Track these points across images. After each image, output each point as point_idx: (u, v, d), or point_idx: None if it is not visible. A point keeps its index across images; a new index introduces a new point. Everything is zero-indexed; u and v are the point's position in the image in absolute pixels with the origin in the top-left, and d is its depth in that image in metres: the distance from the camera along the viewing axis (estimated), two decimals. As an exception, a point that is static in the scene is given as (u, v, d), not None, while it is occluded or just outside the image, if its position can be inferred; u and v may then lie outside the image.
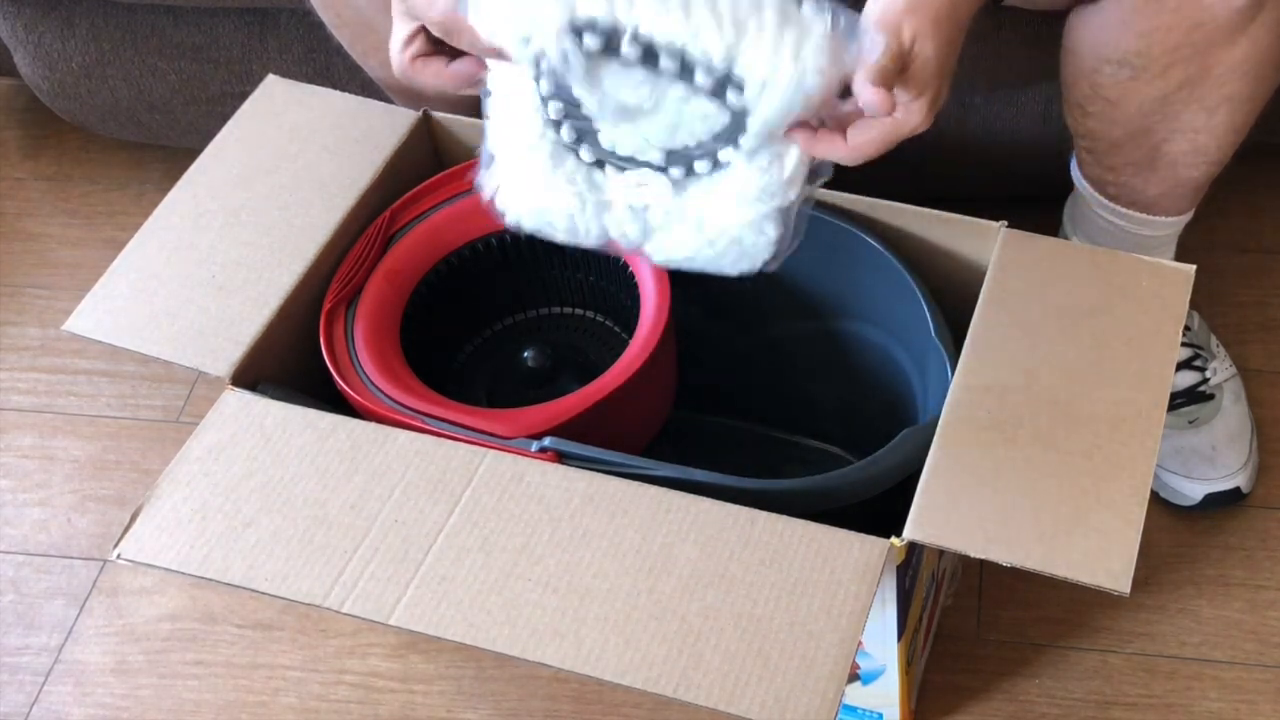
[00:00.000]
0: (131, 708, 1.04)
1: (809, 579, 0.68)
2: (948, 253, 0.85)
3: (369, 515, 0.72)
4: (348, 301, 0.86)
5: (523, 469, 0.73)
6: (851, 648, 0.65)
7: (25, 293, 1.34)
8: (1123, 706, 0.99)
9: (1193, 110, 0.86)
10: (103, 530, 1.15)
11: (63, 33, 1.23)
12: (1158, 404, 0.73)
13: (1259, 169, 1.27)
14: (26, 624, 1.10)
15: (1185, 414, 1.07)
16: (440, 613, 0.68)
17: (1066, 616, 1.03)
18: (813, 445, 1.03)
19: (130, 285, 0.84)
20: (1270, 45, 0.82)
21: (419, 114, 0.93)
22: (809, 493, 0.74)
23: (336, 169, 0.90)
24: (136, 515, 0.73)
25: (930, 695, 1.00)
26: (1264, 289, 1.23)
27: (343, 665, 1.05)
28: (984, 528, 0.69)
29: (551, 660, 0.66)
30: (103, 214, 1.40)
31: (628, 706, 1.01)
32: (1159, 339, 0.77)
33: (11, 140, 1.49)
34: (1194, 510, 1.07)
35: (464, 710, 1.02)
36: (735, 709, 0.64)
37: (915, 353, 0.86)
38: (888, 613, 0.79)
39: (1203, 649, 1.01)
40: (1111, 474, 0.70)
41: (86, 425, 1.22)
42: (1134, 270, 0.80)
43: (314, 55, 1.20)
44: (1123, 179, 0.93)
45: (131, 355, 0.82)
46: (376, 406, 0.80)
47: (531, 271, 0.95)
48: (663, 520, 0.70)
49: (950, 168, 1.17)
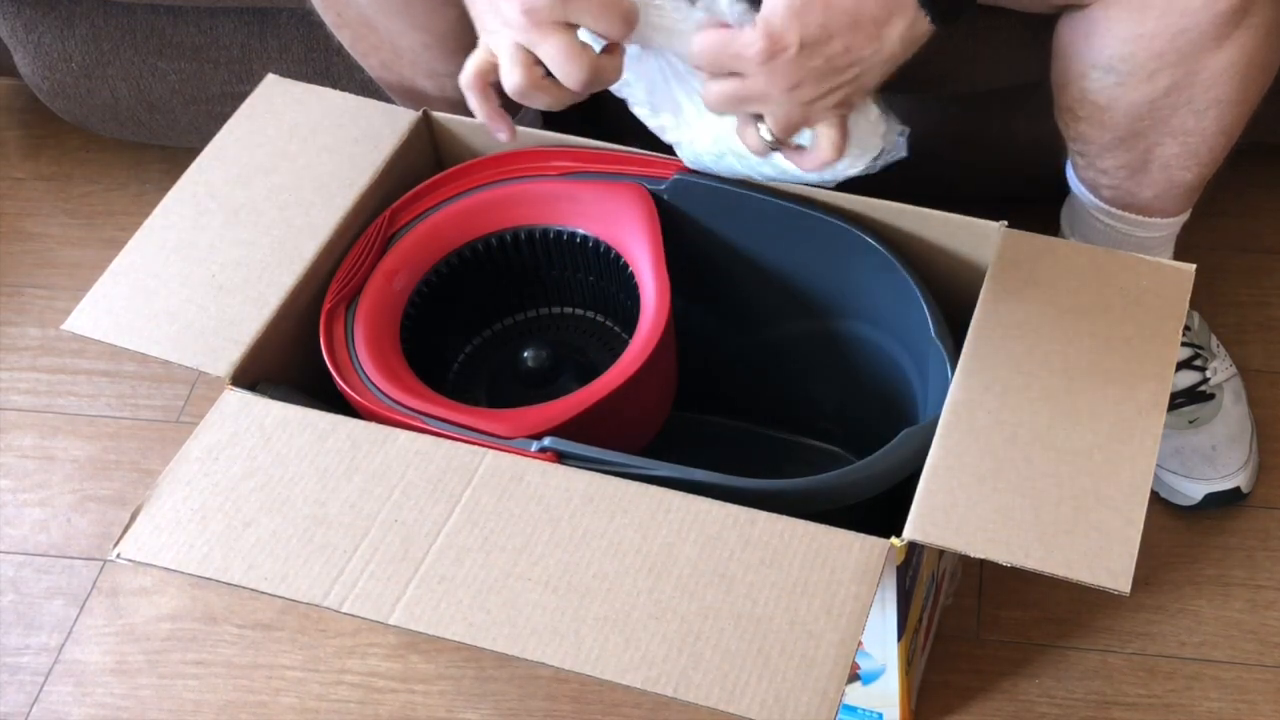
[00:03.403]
0: (131, 708, 1.04)
1: (809, 579, 0.68)
2: (948, 253, 0.85)
3: (369, 515, 0.72)
4: (348, 301, 0.86)
5: (523, 469, 0.73)
6: (851, 648, 0.65)
7: (25, 293, 1.34)
8: (1123, 706, 0.99)
9: (1182, 114, 0.86)
10: (103, 530, 1.15)
11: (63, 33, 1.22)
12: (1158, 404, 0.73)
13: (1258, 169, 1.27)
14: (26, 624, 1.10)
15: (1185, 414, 1.07)
16: (440, 613, 0.68)
17: (1066, 616, 1.03)
18: (813, 445, 1.03)
19: (130, 285, 0.84)
20: (1257, 49, 0.82)
21: (419, 114, 0.93)
22: (809, 493, 0.74)
23: (336, 169, 0.90)
24: (136, 515, 0.73)
25: (930, 695, 1.00)
26: (1264, 289, 1.23)
27: (343, 665, 1.05)
28: (984, 528, 0.69)
29: (551, 660, 0.66)
30: (103, 214, 1.40)
31: (627, 706, 1.01)
32: (1159, 339, 0.77)
33: (11, 140, 1.49)
34: (1194, 510, 1.07)
35: (464, 710, 1.02)
36: (735, 708, 0.64)
37: (915, 353, 0.86)
38: (888, 613, 0.79)
39: (1203, 649, 1.01)
40: (1111, 474, 0.70)
41: (86, 425, 1.22)
42: (1134, 270, 0.80)
43: (314, 55, 1.20)
44: (1116, 182, 0.94)
45: (131, 355, 0.82)
46: (376, 406, 0.80)
47: (531, 271, 0.94)
48: (663, 520, 0.70)
49: (950, 168, 1.17)
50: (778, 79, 0.69)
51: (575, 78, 0.70)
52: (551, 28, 0.69)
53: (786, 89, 0.70)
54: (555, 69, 0.70)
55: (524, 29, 0.69)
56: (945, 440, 0.72)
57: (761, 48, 0.68)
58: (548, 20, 0.68)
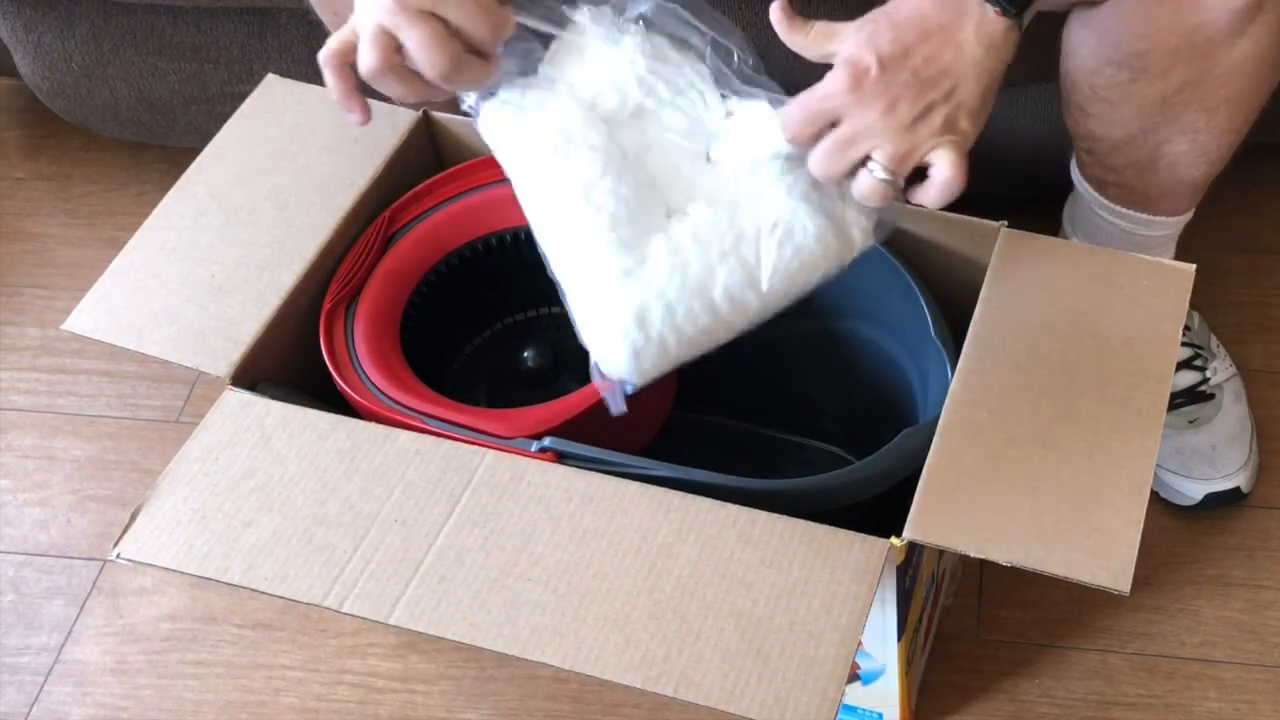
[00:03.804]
0: (131, 708, 1.04)
1: (809, 579, 0.68)
2: (948, 253, 0.85)
3: (369, 515, 0.72)
4: (348, 301, 0.86)
5: (523, 469, 0.73)
6: (851, 648, 0.65)
7: (25, 293, 1.34)
8: (1123, 706, 0.99)
9: (1193, 111, 0.86)
10: (103, 530, 1.15)
11: (63, 33, 1.22)
12: (1158, 404, 0.73)
13: (1259, 169, 1.27)
14: (26, 624, 1.10)
15: (1185, 414, 1.07)
16: (440, 612, 0.68)
17: (1066, 616, 1.03)
18: (813, 445, 1.03)
19: (130, 285, 0.84)
20: (1270, 46, 0.82)
21: (419, 114, 0.93)
22: (809, 493, 0.74)
23: (336, 169, 0.90)
24: (136, 515, 0.73)
25: (930, 695, 1.00)
26: (1264, 289, 1.23)
27: (343, 665, 1.05)
28: (984, 528, 0.69)
29: (551, 660, 0.66)
30: (103, 214, 1.40)
31: (627, 706, 1.01)
32: (1159, 339, 0.77)
33: (11, 140, 1.49)
34: (1194, 510, 1.07)
35: (464, 710, 1.02)
36: (735, 708, 0.64)
37: (915, 353, 0.86)
38: (888, 613, 0.79)
39: (1203, 649, 1.01)
40: (1111, 474, 0.70)
41: (86, 425, 1.22)
42: (1134, 270, 0.80)
43: (314, 55, 1.19)
44: (1123, 179, 0.93)
45: (131, 355, 0.82)
46: (376, 406, 0.80)
47: (531, 271, 0.94)
48: (663, 520, 0.70)
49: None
50: (871, 103, 0.68)
51: (436, 65, 0.69)
52: (419, 15, 0.69)
53: (883, 112, 0.68)
54: (417, 55, 0.70)
55: (391, 11, 0.69)
56: (945, 440, 0.72)
57: (846, 75, 0.68)
58: (416, 6, 0.69)
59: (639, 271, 0.70)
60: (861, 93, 0.68)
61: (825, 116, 0.69)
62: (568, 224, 0.72)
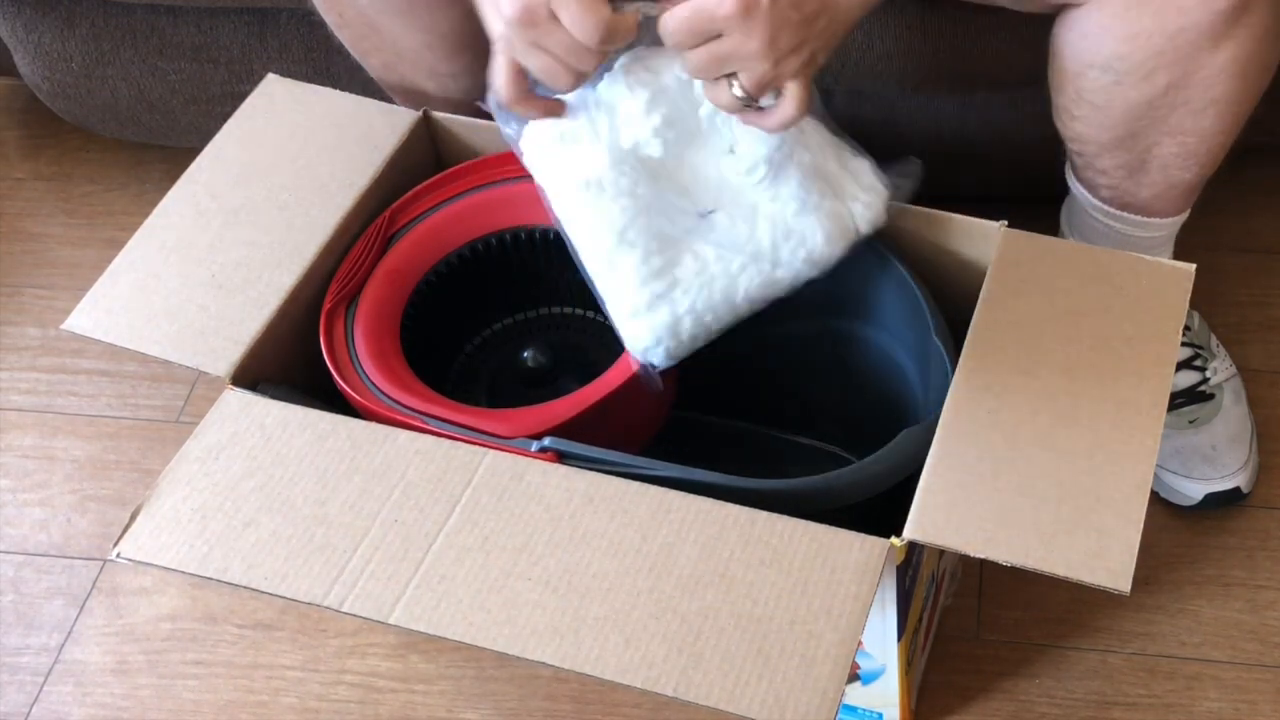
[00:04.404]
0: (131, 708, 1.04)
1: (809, 579, 0.68)
2: (948, 253, 0.85)
3: (369, 515, 0.72)
4: (348, 301, 0.86)
5: (523, 469, 0.73)
6: (851, 648, 0.65)
7: (25, 293, 1.34)
8: (1123, 706, 0.99)
9: (1180, 114, 0.86)
10: (103, 530, 1.15)
11: (63, 33, 1.22)
12: (1158, 404, 0.73)
13: (1259, 169, 1.27)
14: (26, 624, 1.10)
15: (1185, 414, 1.07)
16: (440, 612, 0.68)
17: (1066, 616, 1.03)
18: (813, 445, 1.03)
19: (130, 285, 0.84)
20: (1255, 49, 0.82)
21: (419, 114, 0.93)
22: (809, 493, 0.74)
23: (336, 169, 0.90)
24: (136, 515, 0.73)
25: (930, 695, 1.00)
26: (1264, 289, 1.23)
27: (343, 665, 1.05)
28: (984, 528, 0.69)
29: (551, 660, 0.66)
30: (103, 214, 1.40)
31: (628, 706, 1.01)
32: (1159, 339, 0.77)
33: (11, 140, 1.49)
34: (1194, 510, 1.07)
35: (464, 710, 1.02)
36: (735, 708, 0.64)
37: (915, 353, 0.86)
38: (888, 613, 0.79)
39: (1203, 649, 1.01)
40: (1111, 474, 0.70)
41: (86, 425, 1.22)
42: (1134, 270, 0.80)
43: (314, 55, 1.20)
44: (1114, 182, 0.93)
45: (131, 355, 0.82)
46: (376, 406, 0.80)
47: (531, 271, 0.94)
48: (663, 520, 0.70)
49: (950, 168, 1.17)
50: (755, 31, 0.70)
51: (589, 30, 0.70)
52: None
53: (765, 42, 0.70)
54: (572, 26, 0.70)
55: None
56: (945, 440, 0.72)
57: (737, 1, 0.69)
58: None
59: (670, 294, 0.79)
60: (749, 20, 0.69)
61: (710, 33, 0.71)
62: (602, 257, 0.80)
